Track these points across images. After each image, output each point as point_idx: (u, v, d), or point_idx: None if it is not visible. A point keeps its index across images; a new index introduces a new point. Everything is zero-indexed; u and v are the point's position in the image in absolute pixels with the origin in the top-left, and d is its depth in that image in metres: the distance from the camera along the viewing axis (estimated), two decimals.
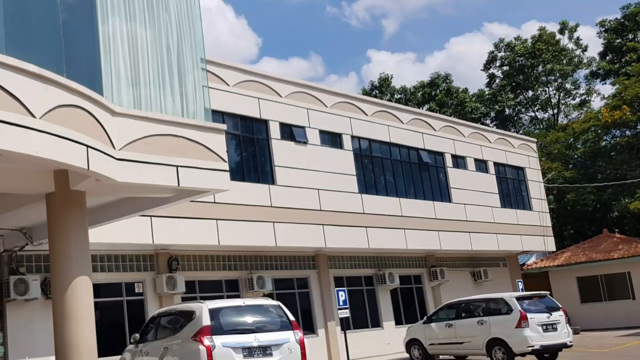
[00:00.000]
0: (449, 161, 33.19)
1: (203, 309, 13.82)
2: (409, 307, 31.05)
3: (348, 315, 24.17)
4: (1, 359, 17.74)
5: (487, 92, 65.14)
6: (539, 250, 39.08)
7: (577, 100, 65.02)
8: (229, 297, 23.17)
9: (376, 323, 29.20)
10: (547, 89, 64.43)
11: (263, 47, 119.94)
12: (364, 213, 27.32)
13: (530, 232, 36.73)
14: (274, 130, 24.91)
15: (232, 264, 24.17)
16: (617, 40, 58.85)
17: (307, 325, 25.59)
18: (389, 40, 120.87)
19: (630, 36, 58.95)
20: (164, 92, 13.52)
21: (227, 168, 14.28)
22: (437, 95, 63.96)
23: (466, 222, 32.52)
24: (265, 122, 24.74)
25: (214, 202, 21.38)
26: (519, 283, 34.37)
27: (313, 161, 25.96)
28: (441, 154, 32.96)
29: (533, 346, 20.88)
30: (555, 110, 64.84)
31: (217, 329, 13.46)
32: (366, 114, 29.22)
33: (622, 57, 57.43)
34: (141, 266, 21.69)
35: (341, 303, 23.78)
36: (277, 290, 25.07)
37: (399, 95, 66.11)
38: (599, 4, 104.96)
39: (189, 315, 14.21)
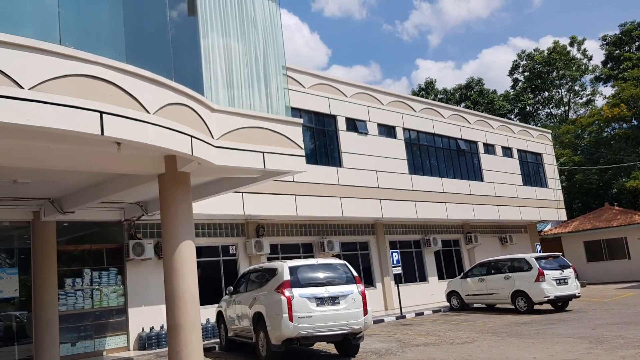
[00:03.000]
0: (481, 148, 32.47)
1: (284, 267, 13.59)
2: (449, 265, 30.54)
3: (400, 271, 23.90)
4: (122, 307, 17.87)
5: (511, 93, 64.10)
6: (553, 220, 38.26)
7: (584, 99, 63.93)
8: (304, 257, 23.18)
9: (423, 278, 28.81)
10: (559, 91, 63.38)
11: (332, 56, 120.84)
12: (413, 190, 26.88)
13: (546, 205, 35.97)
14: (341, 124, 24.56)
15: (307, 230, 23.97)
16: (616, 52, 58.03)
17: (367, 280, 25.59)
18: (433, 51, 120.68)
19: (627, 48, 57.90)
20: (253, 92, 13.43)
21: (303, 154, 14.07)
22: (472, 96, 63.38)
23: (495, 197, 31.91)
24: (333, 117, 24.41)
25: (293, 181, 21.39)
26: (537, 246, 34.22)
27: (372, 148, 25.60)
28: (475, 143, 32.27)
29: (549, 296, 20.91)
30: (566, 108, 63.86)
31: (296, 283, 13.21)
32: (415, 111, 28.69)
33: (620, 65, 56.45)
34: (234, 232, 21.56)
35: (395, 262, 23.58)
36: (343, 251, 24.93)
37: (441, 96, 65.69)
38: (602, 22, 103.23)
39: (273, 272, 14.01)
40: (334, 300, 13.29)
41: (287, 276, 13.28)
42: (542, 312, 21.03)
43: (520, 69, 63.94)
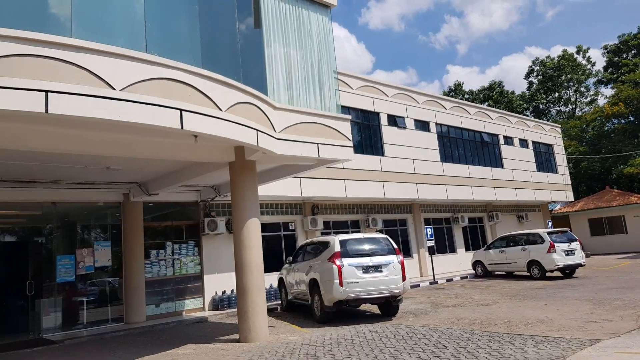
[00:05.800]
0: (501, 140, 31.35)
1: (335, 240, 13.23)
2: (474, 239, 29.68)
3: (433, 244, 23.45)
4: (198, 275, 17.77)
5: (527, 94, 62.53)
6: (562, 200, 36.96)
7: (588, 99, 61.95)
8: (352, 232, 22.80)
9: (452, 249, 28.02)
10: (568, 92, 61.48)
11: (376, 62, 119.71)
12: (444, 175, 26.11)
13: (556, 188, 34.65)
14: (383, 119, 23.93)
15: (354, 209, 23.44)
16: (615, 59, 56.41)
17: (406, 251, 25.02)
18: (461, 58, 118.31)
19: (625, 55, 56.13)
20: (309, 93, 13.15)
21: (352, 145, 13.76)
22: (494, 96, 61.80)
23: (513, 181, 30.85)
24: (377, 114, 23.79)
25: (343, 168, 21.00)
26: (549, 223, 33.47)
27: (409, 140, 24.91)
28: (496, 135, 31.16)
29: (558, 265, 20.30)
30: (573, 106, 61.91)
31: (345, 254, 12.88)
32: (445, 108, 27.87)
33: (619, 69, 54.94)
34: (293, 211, 21.17)
35: (429, 236, 23.12)
36: (385, 227, 24.39)
37: (467, 96, 64.28)
38: (603, 33, 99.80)
39: (325, 245, 13.67)
40: (377, 268, 12.92)
41: (337, 248, 12.97)
42: (553, 279, 20.51)
43: (535, 73, 62.45)
